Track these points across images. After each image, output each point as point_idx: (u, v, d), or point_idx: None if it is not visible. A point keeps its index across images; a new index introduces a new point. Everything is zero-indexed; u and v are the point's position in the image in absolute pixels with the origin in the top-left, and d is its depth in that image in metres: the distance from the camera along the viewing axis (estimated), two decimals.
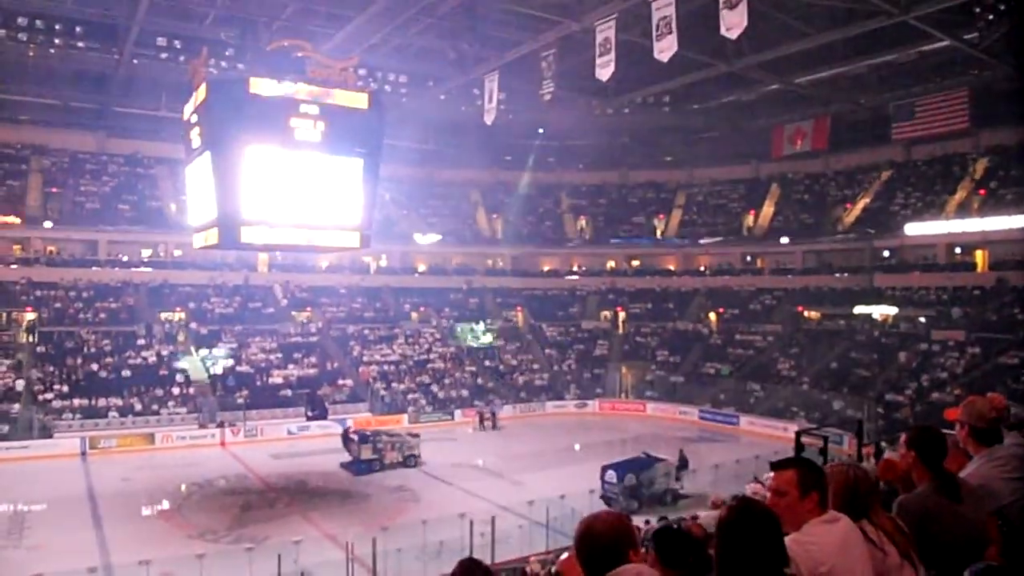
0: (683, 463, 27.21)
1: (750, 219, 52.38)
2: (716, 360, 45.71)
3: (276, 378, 39.97)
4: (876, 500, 3.44)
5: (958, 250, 42.39)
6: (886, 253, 45.92)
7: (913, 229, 42.41)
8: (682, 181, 57.16)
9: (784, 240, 49.15)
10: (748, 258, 52.72)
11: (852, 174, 50.18)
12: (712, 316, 49.99)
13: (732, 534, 2.64)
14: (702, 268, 54.15)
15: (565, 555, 3.80)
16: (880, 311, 42.68)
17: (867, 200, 47.41)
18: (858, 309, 43.21)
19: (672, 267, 55.42)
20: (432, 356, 45.83)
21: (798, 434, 27.61)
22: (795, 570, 2.69)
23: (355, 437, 31.88)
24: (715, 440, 35.99)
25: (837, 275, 46.87)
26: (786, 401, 39.09)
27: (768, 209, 52.08)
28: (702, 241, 52.74)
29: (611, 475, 24.43)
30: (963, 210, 41.45)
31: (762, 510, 2.73)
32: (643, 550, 2.70)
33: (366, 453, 30.83)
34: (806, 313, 46.29)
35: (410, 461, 31.34)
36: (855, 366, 39.54)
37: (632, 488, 24.21)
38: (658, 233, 55.18)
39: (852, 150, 49.08)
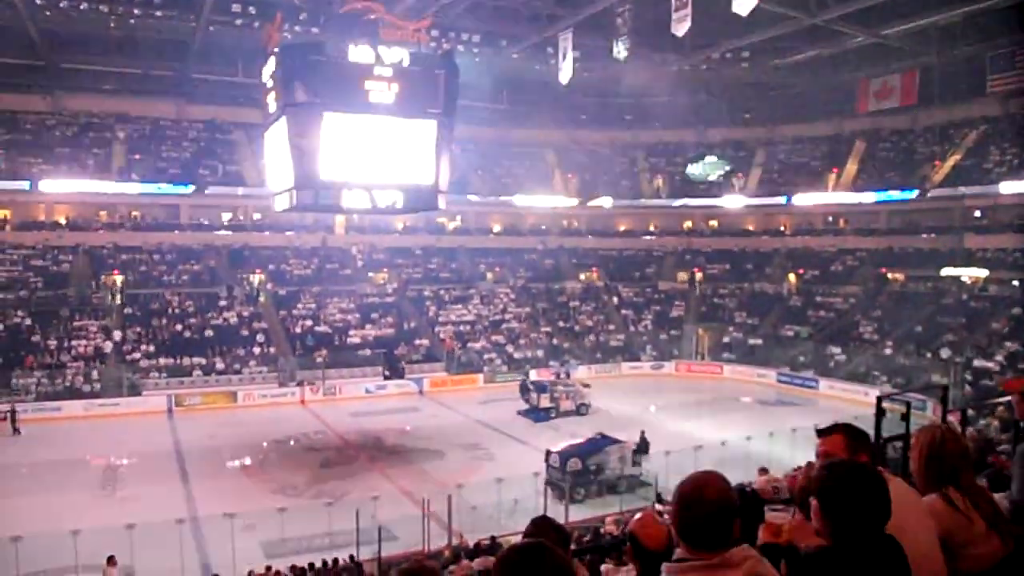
0: (643, 446, 24.24)
1: (833, 177, 50.73)
2: (795, 322, 44.75)
3: (354, 338, 40.71)
4: (966, 465, 3.30)
5: None
6: (977, 213, 44.00)
7: (1008, 187, 40.41)
8: (762, 138, 55.68)
9: (869, 198, 47.42)
10: (830, 218, 51.22)
11: (943, 130, 47.95)
12: (792, 277, 48.88)
13: (837, 492, 2.55)
14: (782, 228, 52.87)
15: (639, 515, 3.67)
16: (970, 273, 41.05)
17: (958, 157, 45.37)
18: (946, 271, 41.60)
19: (751, 227, 54.26)
20: (507, 316, 46.02)
21: (879, 399, 26.88)
22: None
23: (533, 387, 34.56)
24: (793, 404, 35.31)
25: (924, 235, 45.21)
26: (867, 365, 38.03)
27: (852, 167, 50.35)
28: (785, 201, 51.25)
29: (555, 459, 22.22)
30: None
31: (864, 467, 2.69)
32: None
33: (544, 402, 33.26)
34: (890, 275, 44.85)
35: (582, 409, 33.61)
36: (942, 330, 38.12)
37: (577, 474, 21.74)
38: (737, 192, 53.88)
39: (943, 105, 46.74)
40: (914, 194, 45.01)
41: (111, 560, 15.25)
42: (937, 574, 2.85)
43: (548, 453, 22.71)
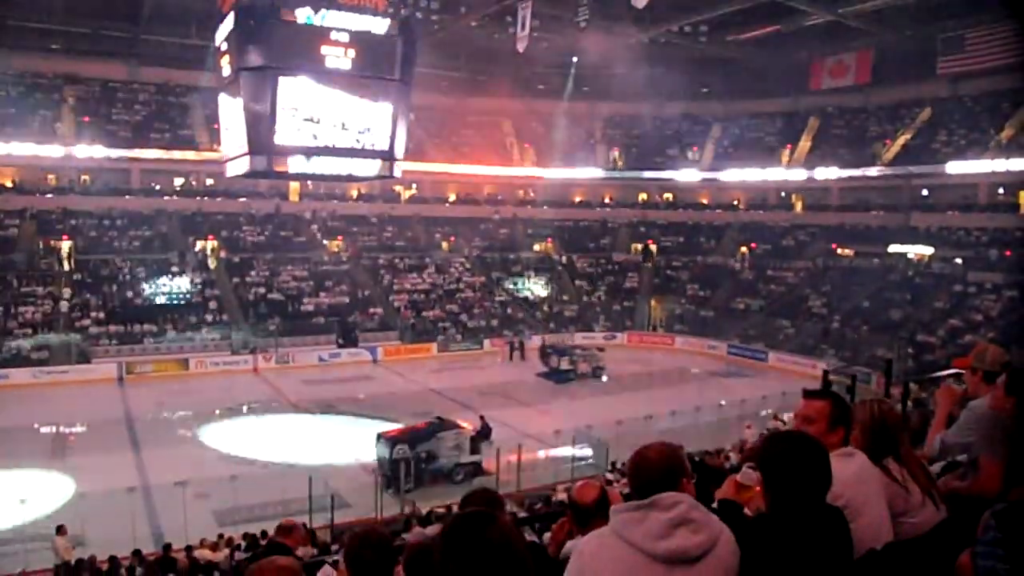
0: (484, 432, 22.79)
1: (786, 153, 51.36)
2: (746, 295, 45.49)
3: (307, 306, 40.46)
4: (903, 437, 3.42)
5: (1001, 191, 41.40)
6: (925, 192, 44.98)
7: (955, 168, 41.36)
8: (718, 113, 56.09)
9: (820, 174, 48.13)
10: (783, 194, 51.94)
11: (894, 109, 48.84)
12: (744, 251, 49.57)
13: (778, 462, 2.66)
14: (735, 202, 53.49)
15: (581, 483, 3.86)
16: (916, 251, 42.03)
17: (908, 136, 46.24)
18: (893, 248, 42.55)
19: (705, 201, 54.78)
20: (461, 285, 46.04)
21: (826, 372, 27.51)
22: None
23: (552, 351, 36.40)
24: (743, 375, 36.05)
25: (873, 212, 46.07)
26: (816, 339, 38.88)
27: (805, 144, 51.04)
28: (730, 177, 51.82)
29: (381, 445, 20.56)
30: (1009, 149, 40.25)
31: (807, 437, 2.77)
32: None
33: (563, 364, 34.72)
34: (840, 250, 45.72)
35: (597, 372, 35.14)
36: (887, 305, 39.06)
37: (404, 462, 19.81)
38: (693, 166, 54.30)
39: (895, 85, 47.55)
40: (864, 171, 45.88)
41: (61, 529, 15.10)
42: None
43: (377, 438, 21.01)
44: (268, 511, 18.57)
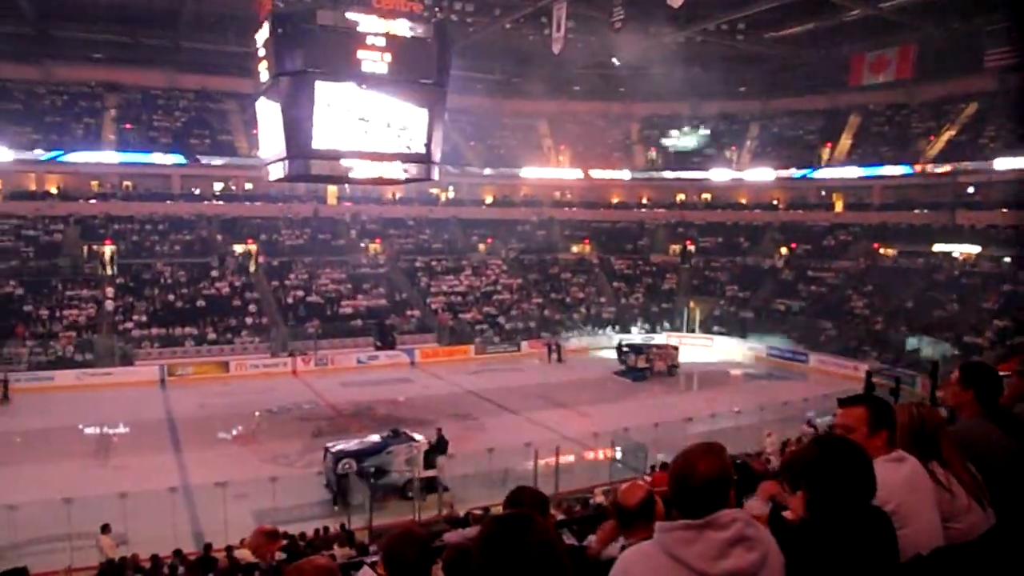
0: (439, 446, 21.27)
1: (826, 152, 50.67)
2: (787, 296, 44.92)
3: (345, 308, 40.69)
4: (946, 440, 3.31)
5: None
6: (971, 189, 44.06)
7: (1002, 163, 40.47)
8: (756, 112, 55.54)
9: (861, 173, 47.41)
10: (823, 192, 51.25)
11: (938, 104, 47.93)
12: (784, 251, 48.98)
13: (818, 469, 2.58)
14: (775, 202, 52.92)
15: (627, 485, 3.80)
16: (962, 249, 41.20)
17: (953, 132, 45.35)
18: (938, 247, 41.77)
19: (743, 200, 54.26)
20: (499, 287, 46.04)
21: (869, 374, 27.09)
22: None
23: (628, 349, 36.75)
24: (783, 377, 35.56)
25: (917, 211, 45.26)
26: (858, 340, 38.24)
27: (846, 141, 50.33)
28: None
29: (329, 459, 19.89)
30: None
31: (850, 444, 2.70)
32: None
33: (640, 363, 35.08)
34: (882, 250, 44.98)
35: (673, 370, 35.72)
36: (932, 306, 38.30)
37: (347, 477, 19.17)
38: (731, 165, 53.83)
39: (939, 80, 46.68)
40: (907, 169, 45.09)
41: (105, 528, 15.34)
42: None
43: (325, 451, 20.30)
44: (307, 512, 18.75)
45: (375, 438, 20.93)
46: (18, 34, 43.06)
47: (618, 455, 22.13)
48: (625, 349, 37.25)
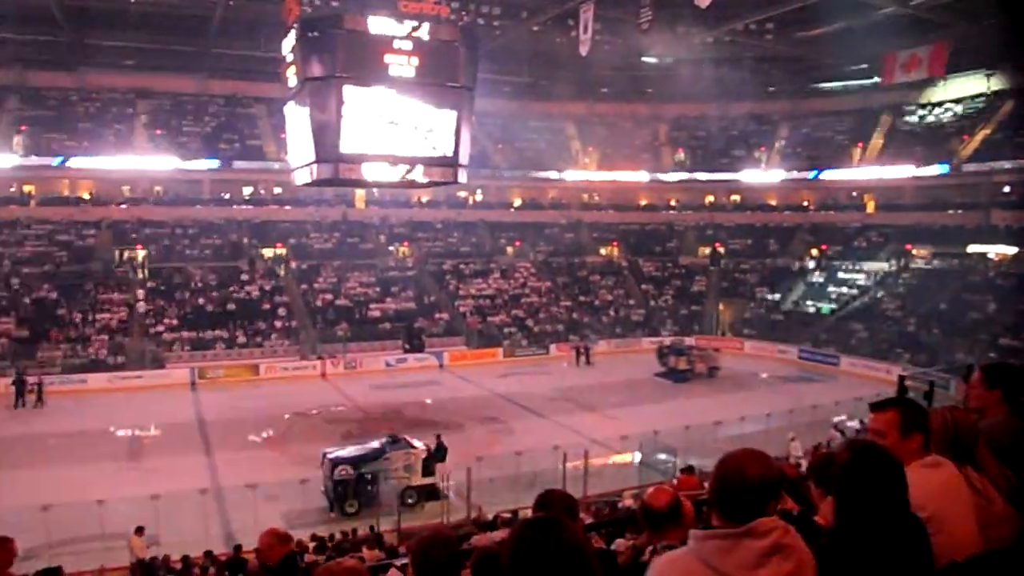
0: (439, 453, 20.63)
1: (857, 152, 50.10)
2: (817, 298, 44.47)
3: (374, 311, 40.88)
4: (982, 445, 3.23)
5: None
6: (1006, 188, 43.31)
7: None
8: (786, 112, 55.07)
9: (893, 172, 46.78)
10: (854, 193, 50.68)
11: (971, 103, 47.22)
12: (814, 253, 48.51)
13: (847, 476, 2.54)
14: (805, 203, 52.42)
15: (653, 488, 3.77)
16: (997, 250, 40.51)
17: (988, 131, 44.63)
18: (972, 248, 41.11)
19: (773, 202, 53.84)
20: (527, 290, 46.02)
21: (901, 377, 26.66)
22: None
23: (669, 351, 37.14)
24: (814, 380, 35.16)
25: (950, 211, 44.61)
26: (890, 342, 37.75)
27: (877, 141, 49.74)
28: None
29: (326, 465, 19.58)
30: None
31: (880, 449, 2.66)
32: None
33: (681, 364, 35.38)
34: (915, 251, 44.37)
35: (713, 372, 35.88)
36: (967, 308, 37.69)
37: (345, 483, 19.02)
38: (760, 166, 53.41)
39: (972, 77, 46.00)
40: (941, 169, 44.43)
41: (139, 531, 15.53)
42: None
43: (323, 457, 19.98)
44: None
45: (373, 444, 20.60)
46: (52, 42, 43.81)
47: (636, 458, 22.04)
48: (666, 351, 37.41)
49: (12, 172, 41.65)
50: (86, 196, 43.83)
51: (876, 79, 48.97)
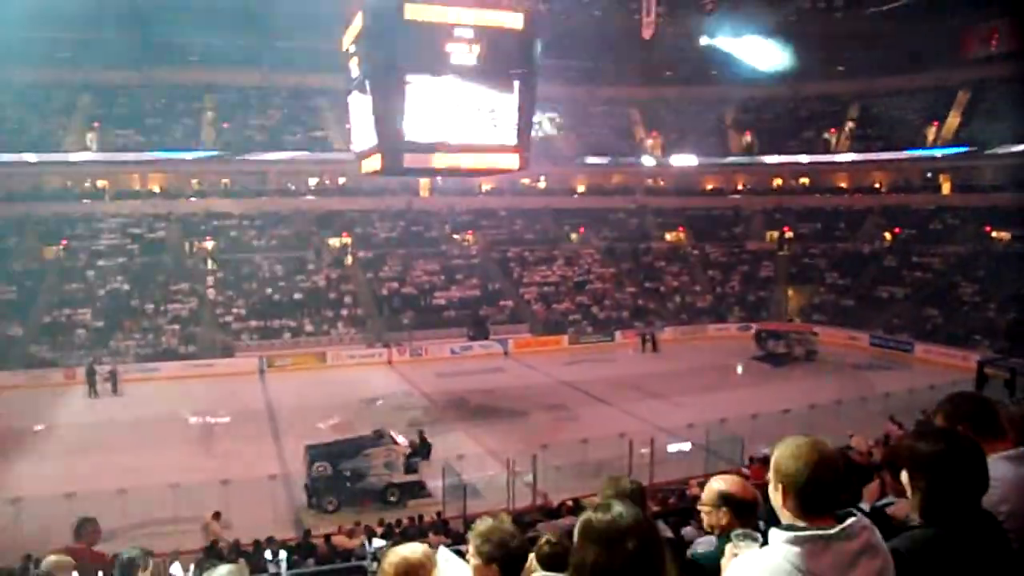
0: (423, 448, 20.44)
1: (932, 131, 48.43)
2: (890, 283, 43.23)
3: (439, 299, 41.14)
4: None
5: None
6: None
7: None
8: (856, 92, 53.53)
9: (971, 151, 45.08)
10: (928, 174, 49.05)
11: None
12: (887, 236, 47.15)
13: (929, 463, 2.44)
14: (877, 185, 50.97)
15: (725, 477, 3.66)
16: None
17: None
18: None
19: (844, 185, 52.47)
20: (592, 277, 45.77)
21: (980, 364, 25.68)
22: None
23: (767, 335, 37.57)
24: (887, 367, 34.21)
25: None
26: (968, 328, 36.48)
27: (954, 119, 47.98)
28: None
29: (305, 459, 19.31)
30: None
31: (958, 436, 2.57)
32: None
33: (779, 348, 35.71)
34: (994, 233, 42.77)
35: (811, 356, 35.92)
36: None
37: (326, 479, 18.79)
38: (830, 148, 52.06)
39: None
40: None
41: (216, 515, 15.93)
42: None
43: (305, 450, 19.65)
44: (402, 499, 19.03)
45: (355, 440, 20.44)
46: (120, 40, 44.99)
47: (686, 447, 21.63)
48: (764, 334, 37.70)
49: (87, 168, 43.17)
50: (156, 190, 45.06)
51: (952, 54, 47.09)
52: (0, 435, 24.80)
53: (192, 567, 10.34)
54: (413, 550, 2.87)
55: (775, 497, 2.38)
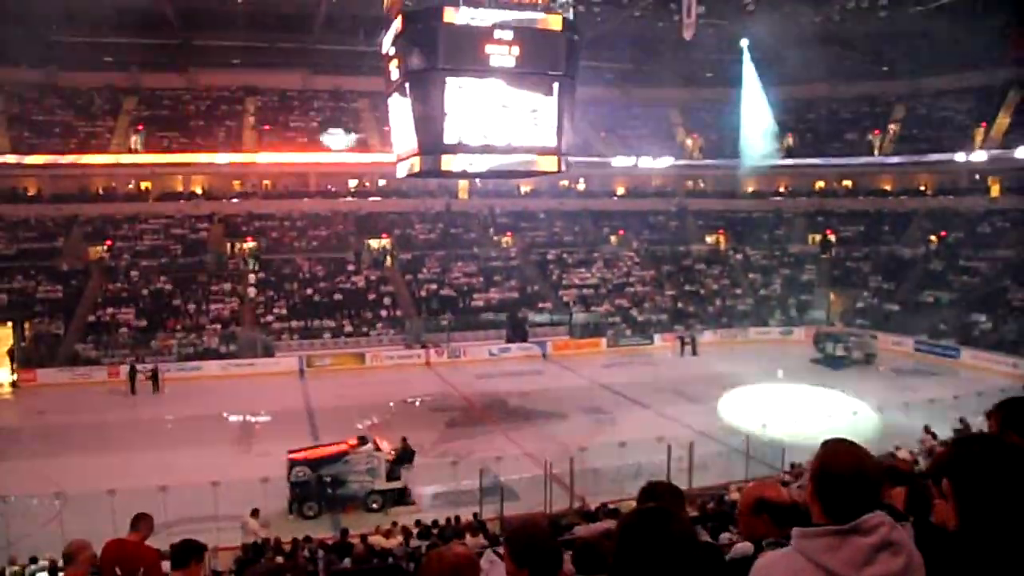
0: (406, 456, 19.93)
1: (980, 133, 47.44)
2: (936, 288, 42.38)
3: (478, 301, 41.23)
4: None
5: None
6: None
7: None
8: (901, 93, 52.68)
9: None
10: (976, 176, 48.06)
11: None
12: (933, 239, 46.30)
13: (969, 470, 2.32)
14: (922, 187, 50.10)
15: (760, 484, 3.61)
16: None
17: None
18: None
19: (888, 187, 51.63)
20: (631, 279, 45.56)
21: None
22: None
23: (826, 338, 37.55)
24: (932, 374, 33.55)
25: None
26: (1017, 334, 35.64)
27: (1003, 120, 46.95)
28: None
29: (286, 467, 18.91)
30: None
31: (1001, 442, 2.47)
32: None
33: (838, 351, 35.70)
34: None
35: (870, 359, 35.88)
36: None
37: (304, 485, 18.60)
38: (874, 150, 51.26)
39: None
40: None
41: (254, 512, 16.11)
42: None
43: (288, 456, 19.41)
44: (438, 500, 19.08)
45: (336, 446, 20.06)
46: (164, 45, 45.95)
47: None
48: (823, 337, 37.67)
49: (131, 169, 44.08)
50: (199, 191, 45.87)
51: (1001, 53, 46.05)
52: (44, 431, 25.40)
53: (232, 563, 10.46)
54: (460, 550, 2.85)
55: (809, 498, 2.38)
